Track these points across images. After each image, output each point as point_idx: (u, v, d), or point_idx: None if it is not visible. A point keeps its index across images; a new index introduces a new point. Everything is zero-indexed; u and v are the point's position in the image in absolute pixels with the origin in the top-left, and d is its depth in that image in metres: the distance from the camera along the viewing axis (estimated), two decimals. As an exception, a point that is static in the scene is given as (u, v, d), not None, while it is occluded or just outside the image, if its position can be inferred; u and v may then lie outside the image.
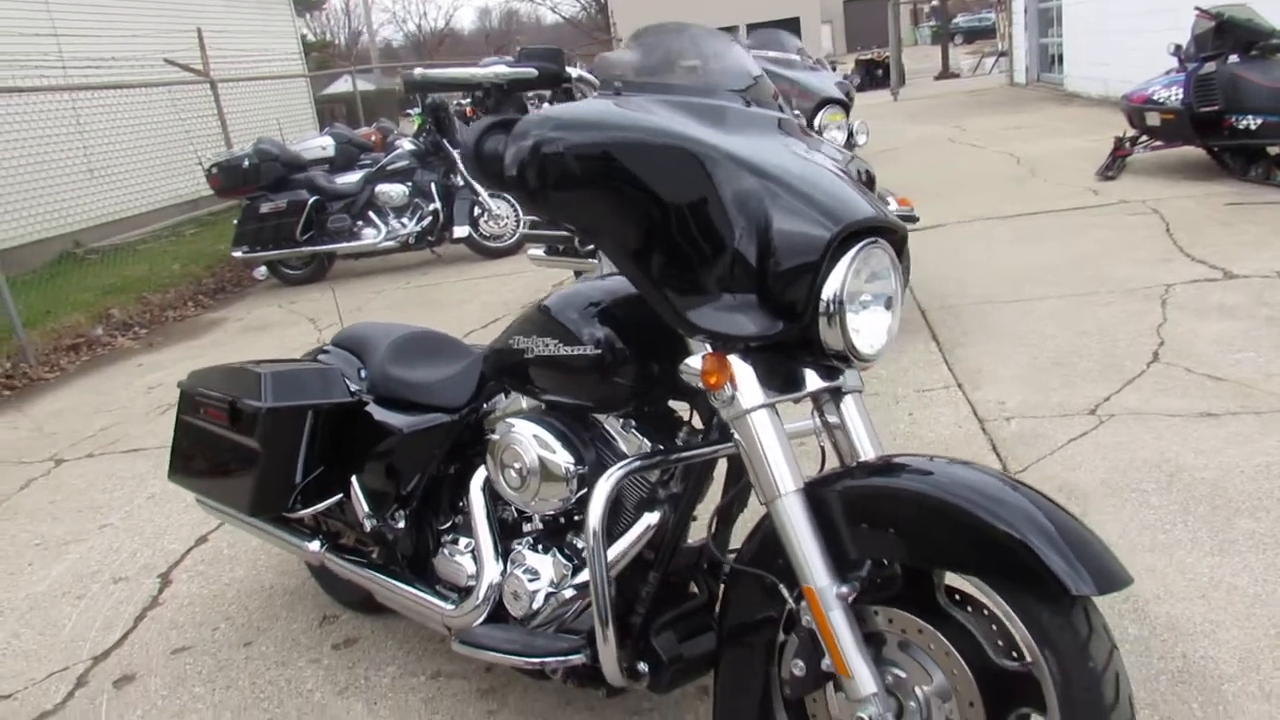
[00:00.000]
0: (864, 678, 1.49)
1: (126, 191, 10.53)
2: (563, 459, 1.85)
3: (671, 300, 1.55)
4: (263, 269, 7.97)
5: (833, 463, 1.72)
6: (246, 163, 7.53)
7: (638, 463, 1.71)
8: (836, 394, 1.73)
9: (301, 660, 2.55)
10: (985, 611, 1.51)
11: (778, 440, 1.58)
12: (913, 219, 4.24)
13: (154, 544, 3.38)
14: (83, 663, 2.68)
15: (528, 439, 1.89)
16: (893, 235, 1.63)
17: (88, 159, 10.12)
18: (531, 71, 1.88)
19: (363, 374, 2.45)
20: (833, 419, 1.74)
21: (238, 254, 7.70)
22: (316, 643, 2.62)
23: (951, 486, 1.46)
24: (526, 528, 2.06)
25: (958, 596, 1.55)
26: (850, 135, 4.57)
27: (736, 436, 1.61)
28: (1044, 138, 9.80)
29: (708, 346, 1.60)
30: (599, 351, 1.78)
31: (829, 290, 1.52)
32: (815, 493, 1.58)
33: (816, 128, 4.48)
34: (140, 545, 3.39)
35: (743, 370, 1.59)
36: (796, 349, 1.61)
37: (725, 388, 1.59)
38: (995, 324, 4.46)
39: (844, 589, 1.51)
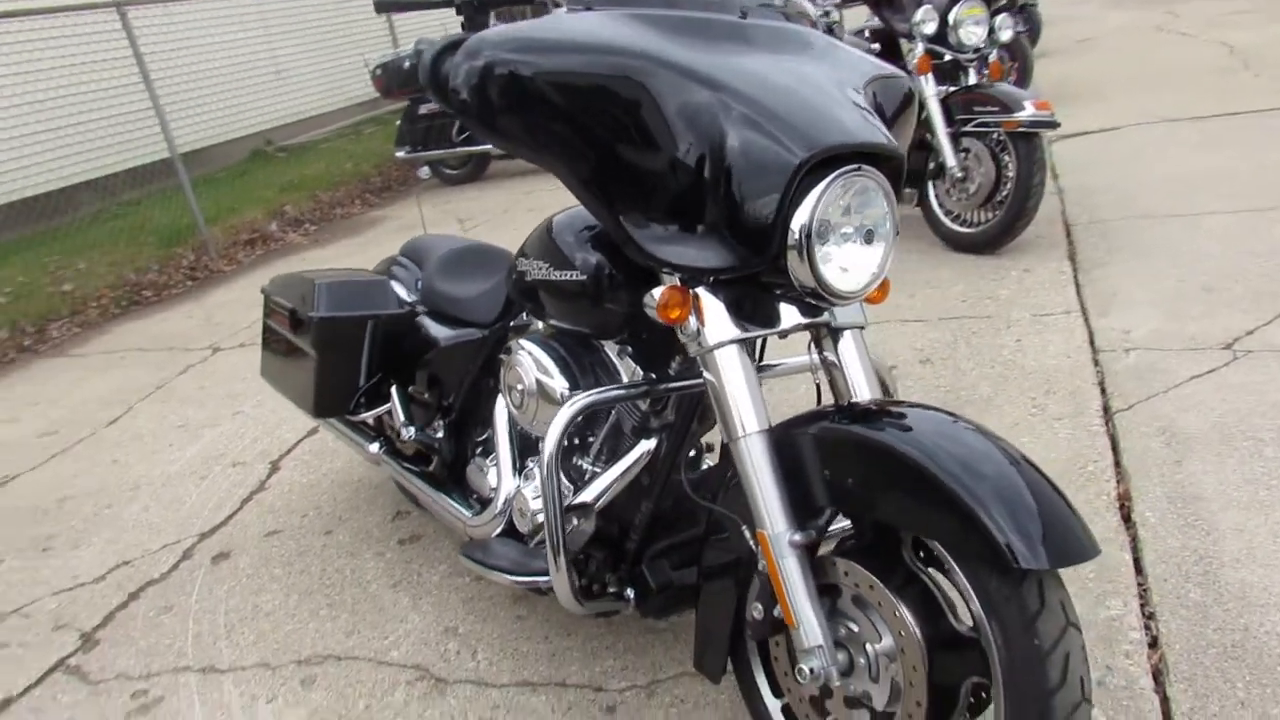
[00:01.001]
0: (811, 628, 1.43)
1: (310, 92, 11.08)
2: (558, 384, 1.85)
3: (629, 230, 1.49)
4: (425, 169, 8.25)
5: (829, 402, 1.63)
6: (407, 64, 7.67)
7: (605, 394, 1.68)
8: (834, 330, 1.63)
9: (368, 552, 2.71)
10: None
11: (744, 379, 1.51)
12: (1051, 124, 3.86)
13: (273, 433, 3.65)
14: (191, 538, 2.96)
15: (528, 361, 1.89)
16: (888, 162, 1.49)
17: (274, 61, 10.68)
18: None
19: (419, 285, 2.51)
20: (831, 356, 1.64)
21: (400, 154, 7.98)
22: (385, 536, 2.78)
23: (921, 441, 1.35)
24: (540, 445, 2.08)
25: (923, 555, 1.46)
26: (991, 31, 4.17)
27: (704, 373, 1.55)
28: (1272, 24, 8.63)
29: (676, 279, 1.54)
30: (586, 277, 1.74)
31: (798, 222, 1.41)
32: (787, 434, 1.51)
33: (952, 22, 4.11)
34: (261, 433, 3.67)
35: (710, 304, 1.52)
36: (772, 283, 1.52)
37: (690, 322, 1.52)
38: (1149, 241, 4.05)
39: (798, 537, 1.45)
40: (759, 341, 1.78)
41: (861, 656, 1.47)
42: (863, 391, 1.61)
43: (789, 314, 1.56)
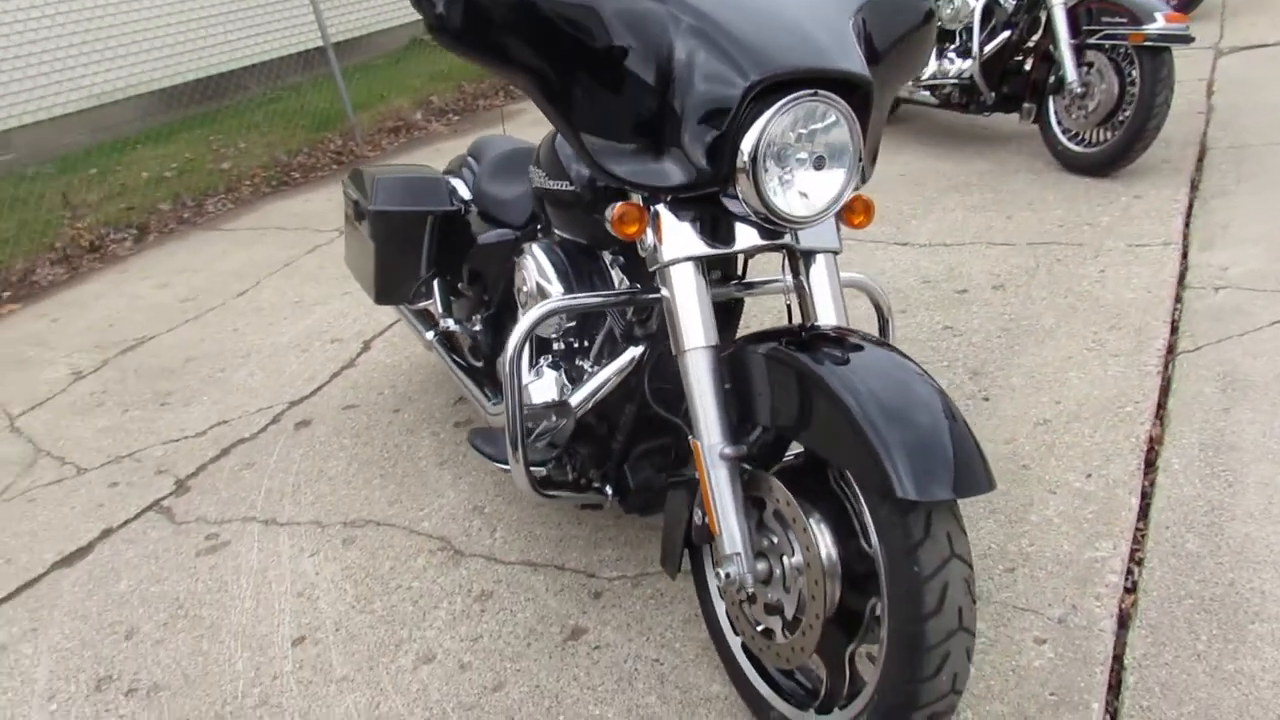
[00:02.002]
0: (731, 536, 1.52)
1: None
2: (554, 288, 1.95)
3: (587, 147, 1.55)
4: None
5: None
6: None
7: (570, 301, 1.76)
8: (805, 253, 1.66)
9: (425, 431, 2.94)
10: None
11: (695, 295, 1.57)
12: (1183, 38, 3.56)
13: (371, 314, 3.92)
14: (282, 405, 3.27)
15: (531, 265, 2.00)
16: (858, 89, 1.49)
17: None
18: None
19: (474, 185, 2.64)
20: (803, 279, 1.67)
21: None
22: (444, 419, 3.00)
23: (848, 375, 1.39)
24: (553, 345, 2.20)
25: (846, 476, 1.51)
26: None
27: (660, 287, 1.61)
28: None
29: (638, 197, 1.59)
30: (577, 189, 1.82)
31: (747, 145, 1.44)
32: (740, 351, 1.57)
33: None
34: (361, 314, 3.95)
35: (669, 222, 1.58)
36: (730, 204, 1.56)
37: (647, 237, 1.59)
38: (1285, 171, 3.73)
39: (729, 450, 1.52)
40: (740, 260, 1.82)
41: (778, 568, 1.54)
42: (826, 317, 1.64)
43: (750, 235, 1.59)
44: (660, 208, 1.58)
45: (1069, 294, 3.08)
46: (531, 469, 1.87)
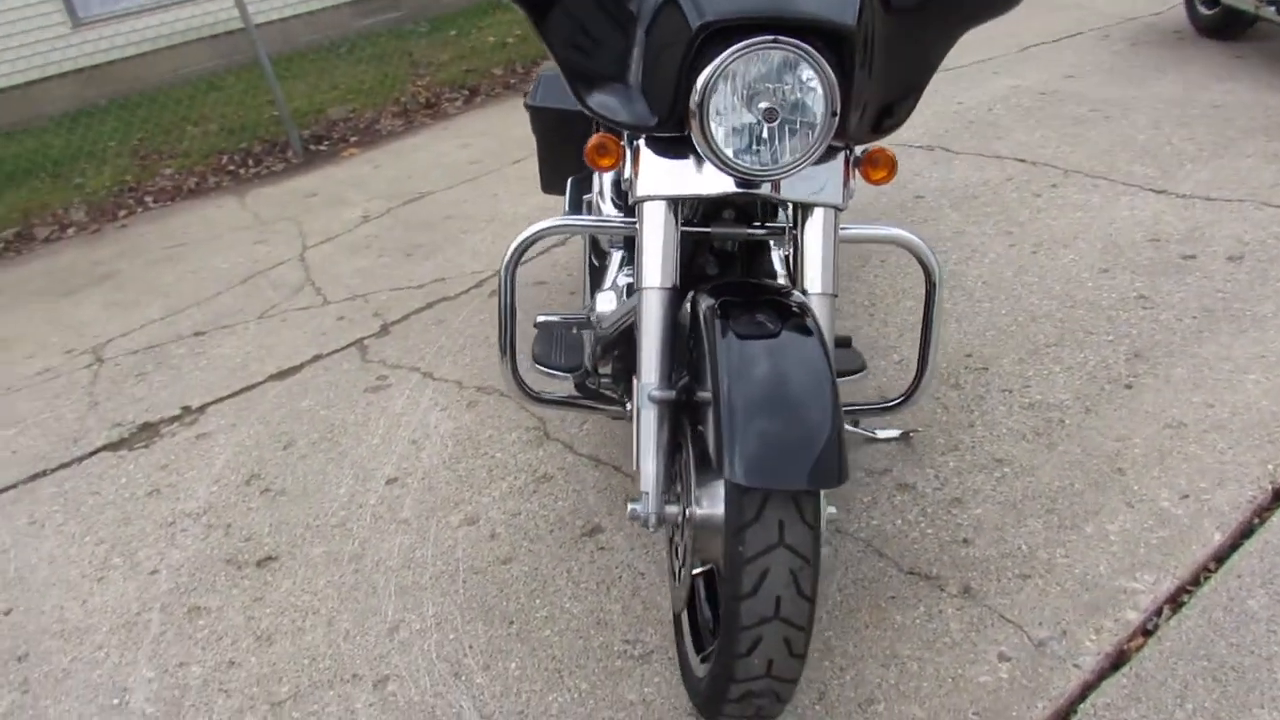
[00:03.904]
0: (645, 475, 1.57)
1: None
2: (608, 210, 2.02)
3: (568, 75, 1.58)
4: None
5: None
6: None
7: (557, 223, 1.81)
8: (803, 206, 1.59)
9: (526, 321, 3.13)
10: None
11: (661, 234, 1.59)
12: None
13: (604, 197, 4.13)
14: (489, 272, 3.61)
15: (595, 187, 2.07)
16: (841, 38, 1.39)
17: None
18: None
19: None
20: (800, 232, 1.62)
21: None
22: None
23: (747, 349, 1.39)
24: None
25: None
26: None
27: (635, 221, 1.63)
28: None
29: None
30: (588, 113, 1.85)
31: (695, 92, 1.42)
32: (698, 293, 1.58)
33: None
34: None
35: (648, 160, 1.59)
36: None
37: (624, 171, 1.61)
38: None
39: (657, 392, 1.56)
40: (761, 206, 1.76)
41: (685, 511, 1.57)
42: (811, 276, 1.59)
43: (725, 181, 1.54)
44: (640, 143, 1.58)
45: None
46: (561, 373, 2.00)
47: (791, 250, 1.63)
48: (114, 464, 2.77)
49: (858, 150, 1.63)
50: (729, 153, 1.44)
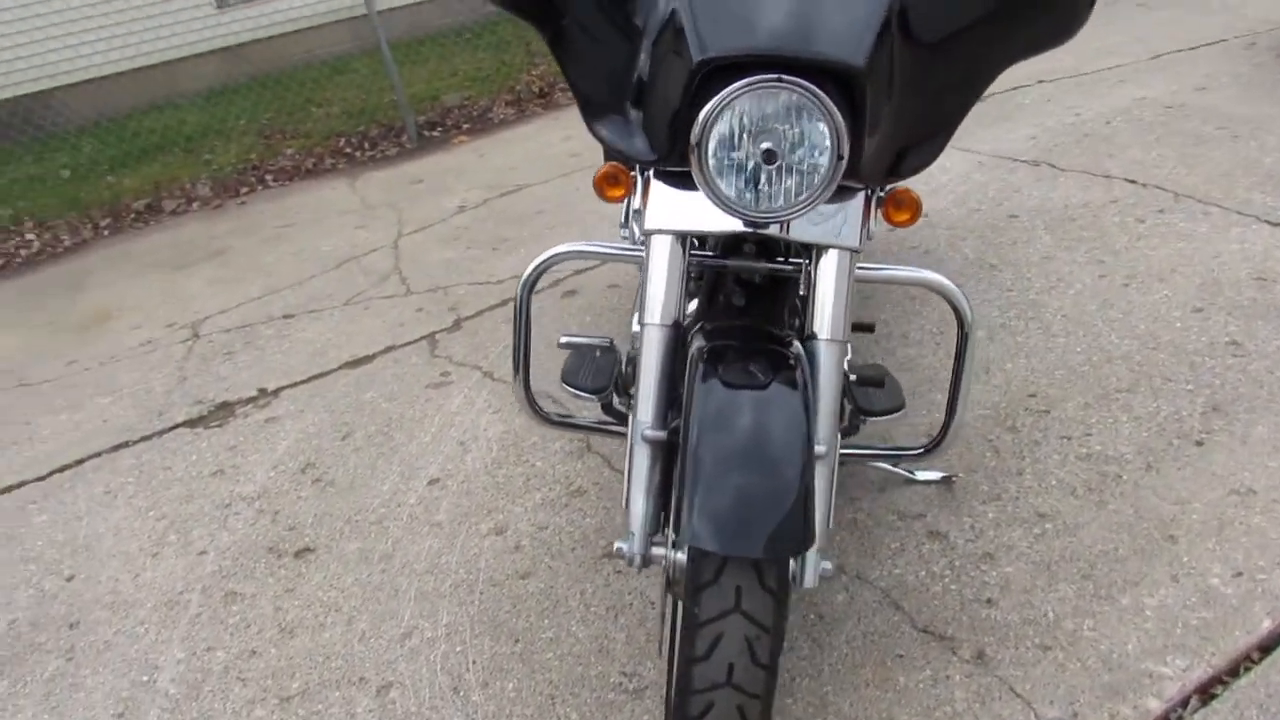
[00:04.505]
0: (634, 514, 1.54)
1: None
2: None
3: (580, 103, 1.55)
4: None
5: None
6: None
7: (572, 248, 1.77)
8: (816, 247, 1.53)
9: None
10: None
11: (665, 270, 1.55)
12: None
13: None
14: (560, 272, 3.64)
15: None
16: (852, 77, 1.32)
17: None
18: None
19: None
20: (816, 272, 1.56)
21: None
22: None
23: (721, 395, 1.36)
24: None
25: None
26: None
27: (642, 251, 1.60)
28: None
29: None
30: None
31: (695, 129, 1.37)
32: (694, 332, 1.55)
33: None
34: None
35: (658, 192, 1.55)
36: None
37: (634, 202, 1.58)
38: None
39: (650, 432, 1.53)
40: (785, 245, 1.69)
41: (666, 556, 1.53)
42: (821, 324, 1.52)
43: (733, 219, 1.49)
44: (651, 174, 1.55)
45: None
46: (586, 394, 1.99)
47: (807, 290, 1.57)
48: (189, 440, 2.91)
49: (882, 189, 1.55)
50: (730, 193, 1.39)
